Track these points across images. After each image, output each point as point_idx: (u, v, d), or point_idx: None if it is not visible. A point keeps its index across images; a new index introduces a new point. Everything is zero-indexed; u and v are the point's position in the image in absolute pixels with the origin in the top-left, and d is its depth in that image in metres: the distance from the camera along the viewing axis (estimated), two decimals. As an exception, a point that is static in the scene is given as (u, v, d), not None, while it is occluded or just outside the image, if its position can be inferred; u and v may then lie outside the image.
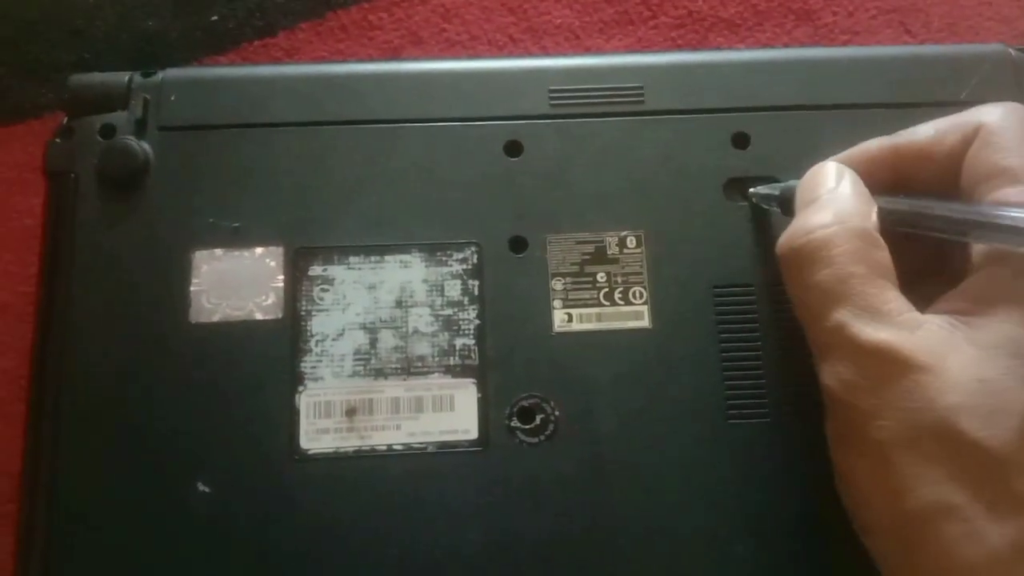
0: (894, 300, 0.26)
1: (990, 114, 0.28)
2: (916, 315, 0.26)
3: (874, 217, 0.28)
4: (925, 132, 0.29)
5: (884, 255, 0.27)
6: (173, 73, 0.35)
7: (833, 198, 0.28)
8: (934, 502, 0.25)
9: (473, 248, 0.33)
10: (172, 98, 0.34)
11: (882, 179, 0.29)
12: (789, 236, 0.28)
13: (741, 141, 0.34)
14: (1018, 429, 0.24)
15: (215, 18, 0.43)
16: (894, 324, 0.26)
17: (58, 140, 0.34)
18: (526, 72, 0.36)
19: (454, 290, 0.33)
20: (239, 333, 0.32)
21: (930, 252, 0.30)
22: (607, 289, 0.33)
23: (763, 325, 0.33)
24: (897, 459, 0.26)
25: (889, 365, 0.25)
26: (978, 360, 0.25)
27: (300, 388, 0.32)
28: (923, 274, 0.29)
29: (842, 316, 0.26)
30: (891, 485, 0.26)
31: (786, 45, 0.43)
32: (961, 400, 0.25)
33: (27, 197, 0.40)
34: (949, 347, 0.25)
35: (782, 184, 0.32)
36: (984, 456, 0.24)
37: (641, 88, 0.35)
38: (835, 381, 0.27)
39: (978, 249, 0.28)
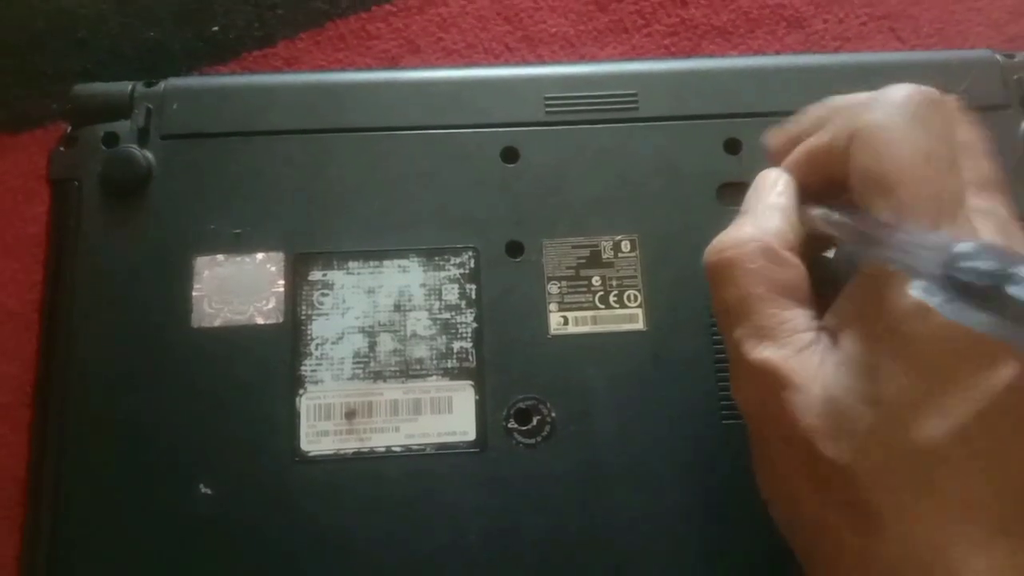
0: (792, 319, 0.27)
1: (874, 110, 0.26)
2: (809, 335, 0.26)
3: (791, 233, 0.28)
4: (825, 131, 0.28)
5: (789, 272, 0.27)
6: (175, 82, 0.35)
7: (755, 211, 0.28)
8: (812, 518, 0.26)
9: (470, 253, 0.34)
10: (174, 106, 0.35)
11: (816, 181, 0.29)
12: (707, 252, 0.28)
13: (733, 147, 0.35)
14: (860, 444, 0.24)
15: (216, 29, 0.44)
16: (782, 344, 0.26)
17: (62, 149, 0.34)
18: (522, 80, 0.36)
19: (452, 294, 0.33)
20: (240, 337, 0.32)
21: None
22: (602, 292, 0.34)
23: (756, 327, 0.33)
24: (781, 474, 0.27)
25: (770, 382, 0.26)
26: (830, 378, 0.25)
27: (300, 391, 0.32)
28: None
29: (739, 334, 0.27)
30: (783, 496, 0.28)
31: (778, 52, 0.43)
32: (816, 419, 0.25)
33: (32, 205, 0.41)
34: (818, 366, 0.26)
35: None
36: (838, 472, 0.25)
37: (635, 95, 0.36)
38: (736, 395, 0.28)
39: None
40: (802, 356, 0.26)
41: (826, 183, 0.28)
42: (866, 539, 0.25)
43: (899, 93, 0.26)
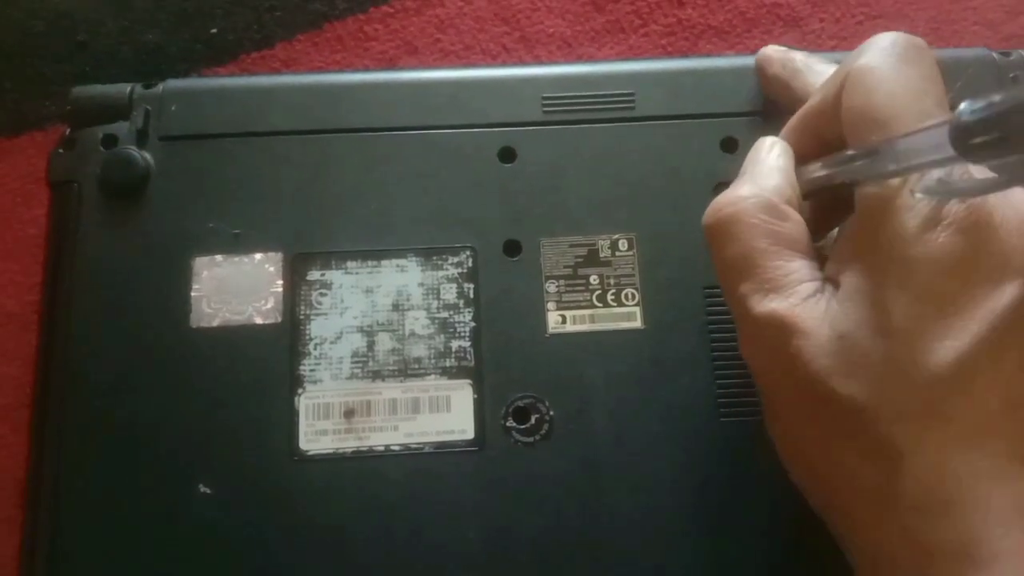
0: (796, 271, 0.27)
1: (863, 55, 0.27)
2: (814, 284, 0.27)
3: (789, 190, 0.28)
4: (817, 92, 0.29)
5: (790, 226, 0.27)
6: (173, 84, 0.36)
7: (752, 172, 0.29)
8: (830, 468, 0.26)
9: (468, 252, 0.34)
10: (172, 108, 0.35)
11: (810, 145, 0.29)
12: (706, 213, 0.29)
13: (730, 145, 0.35)
14: (874, 378, 0.24)
15: (214, 31, 0.44)
16: (787, 295, 0.26)
17: (61, 150, 0.34)
18: (519, 80, 0.36)
19: (450, 293, 0.33)
20: (239, 337, 0.33)
21: None
22: (600, 291, 0.34)
23: (753, 325, 0.33)
24: (796, 428, 0.27)
25: (779, 333, 0.26)
26: (838, 317, 0.25)
27: (299, 390, 0.32)
28: None
29: (744, 289, 0.27)
30: (800, 453, 0.28)
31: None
32: (828, 360, 0.25)
33: (31, 208, 0.41)
34: (825, 311, 0.26)
35: None
36: (854, 412, 0.25)
37: (632, 94, 0.36)
38: (744, 352, 0.28)
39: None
40: (808, 304, 0.26)
41: (821, 146, 0.29)
42: (886, 479, 0.25)
43: (886, 37, 0.27)
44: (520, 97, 0.36)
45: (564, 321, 0.33)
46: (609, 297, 0.34)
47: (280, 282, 0.33)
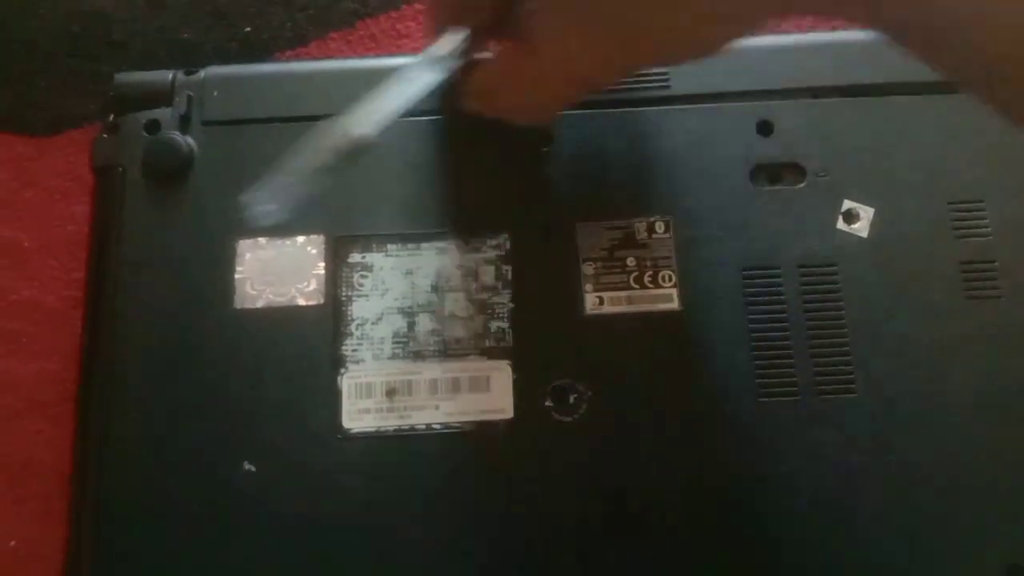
0: None
1: None
2: None
3: None
4: None
5: None
6: (215, 71, 0.36)
7: None
8: None
9: (506, 235, 0.34)
10: (214, 94, 0.35)
11: None
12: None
13: (765, 128, 0.35)
14: None
15: (248, 29, 0.44)
16: None
17: (104, 136, 0.35)
18: None
19: (488, 275, 0.34)
20: (282, 318, 0.33)
21: None
22: (637, 273, 0.34)
23: (790, 306, 0.33)
24: None
25: None
26: None
27: (342, 370, 0.32)
28: None
29: None
30: None
31: (810, 30, 0.42)
32: None
33: (69, 205, 0.41)
34: None
35: None
36: None
37: (666, 74, 0.36)
38: None
39: None
40: None
41: None
42: None
43: None
44: None
45: (601, 303, 0.34)
46: (646, 279, 0.34)
47: (322, 264, 0.34)
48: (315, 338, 0.33)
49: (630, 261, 0.34)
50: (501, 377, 0.33)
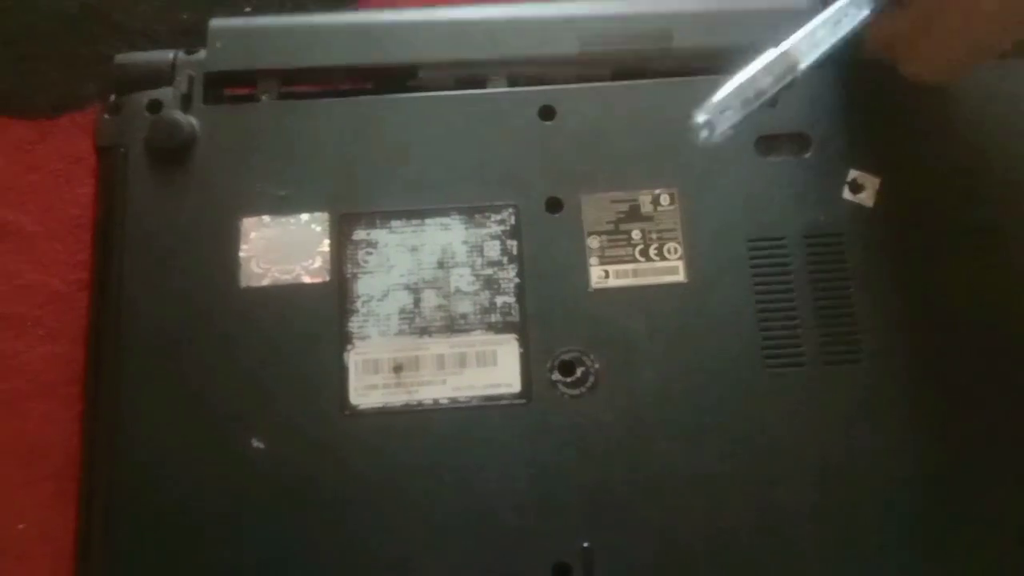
0: None
1: None
2: None
3: None
4: None
5: None
6: (219, 22, 0.36)
7: None
8: None
9: (511, 209, 0.34)
10: (217, 45, 0.36)
11: None
12: None
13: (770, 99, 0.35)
14: None
15: (248, 9, 0.44)
16: None
17: (107, 116, 0.35)
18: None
19: (493, 250, 0.34)
20: (288, 296, 0.33)
21: None
22: (642, 246, 0.34)
23: (796, 276, 0.33)
24: None
25: None
26: None
27: (348, 347, 0.32)
28: None
29: None
30: None
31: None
32: None
33: (72, 187, 0.41)
34: None
35: None
36: None
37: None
38: None
39: None
40: None
41: None
42: None
43: None
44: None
45: (607, 276, 0.33)
46: (652, 251, 0.34)
47: (327, 242, 0.34)
48: (321, 315, 0.33)
49: (635, 234, 0.34)
50: (508, 351, 0.33)
